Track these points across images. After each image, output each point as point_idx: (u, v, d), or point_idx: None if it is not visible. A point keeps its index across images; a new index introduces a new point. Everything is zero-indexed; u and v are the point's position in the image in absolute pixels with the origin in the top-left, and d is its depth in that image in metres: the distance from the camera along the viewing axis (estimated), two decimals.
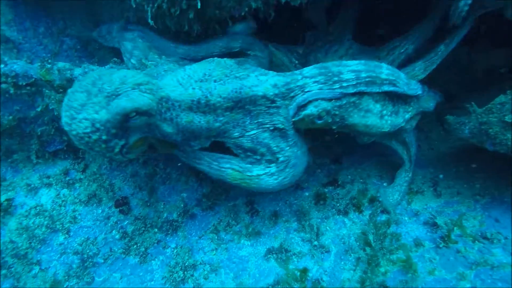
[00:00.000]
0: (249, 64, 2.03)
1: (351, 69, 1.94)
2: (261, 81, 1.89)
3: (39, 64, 2.32)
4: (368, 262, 2.03)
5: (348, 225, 2.46)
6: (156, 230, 2.58)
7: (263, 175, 2.03)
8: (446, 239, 2.04)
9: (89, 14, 2.95)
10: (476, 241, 1.96)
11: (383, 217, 2.40)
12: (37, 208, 2.51)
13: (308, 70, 1.96)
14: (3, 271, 2.30)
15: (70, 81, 2.29)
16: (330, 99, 1.97)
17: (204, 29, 2.17)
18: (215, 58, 2.00)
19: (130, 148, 1.81)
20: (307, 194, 2.73)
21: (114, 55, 2.54)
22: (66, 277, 2.34)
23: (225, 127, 1.91)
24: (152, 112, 1.72)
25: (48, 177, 2.66)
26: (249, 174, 2.03)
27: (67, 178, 2.74)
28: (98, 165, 2.89)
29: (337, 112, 2.00)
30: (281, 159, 2.03)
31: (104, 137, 1.67)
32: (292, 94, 1.94)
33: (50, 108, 2.42)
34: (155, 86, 1.75)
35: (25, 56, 2.49)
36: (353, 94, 1.99)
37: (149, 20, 1.96)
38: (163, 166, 2.96)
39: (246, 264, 2.39)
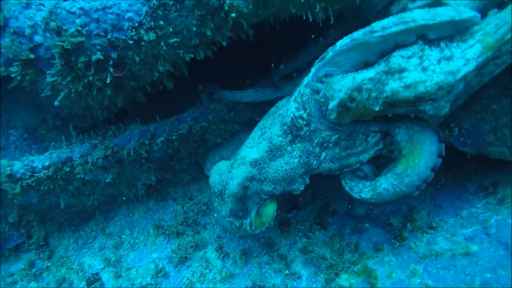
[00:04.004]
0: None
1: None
2: (290, 106, 2.07)
3: None
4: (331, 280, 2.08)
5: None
6: None
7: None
8: (399, 238, 2.11)
9: (31, 103, 3.02)
10: (424, 233, 2.05)
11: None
12: None
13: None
14: None
15: (12, 177, 2.32)
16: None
17: (129, 101, 2.28)
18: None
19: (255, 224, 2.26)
20: (272, 224, 2.78)
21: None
22: None
23: (304, 161, 2.09)
24: (255, 174, 2.11)
25: (12, 275, 2.63)
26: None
27: (34, 270, 2.71)
28: (64, 248, 2.88)
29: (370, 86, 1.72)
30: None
31: (236, 223, 2.19)
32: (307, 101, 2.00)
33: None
34: (240, 159, 2.18)
35: None
36: None
37: (56, 102, 2.03)
38: (129, 232, 2.97)
39: None
